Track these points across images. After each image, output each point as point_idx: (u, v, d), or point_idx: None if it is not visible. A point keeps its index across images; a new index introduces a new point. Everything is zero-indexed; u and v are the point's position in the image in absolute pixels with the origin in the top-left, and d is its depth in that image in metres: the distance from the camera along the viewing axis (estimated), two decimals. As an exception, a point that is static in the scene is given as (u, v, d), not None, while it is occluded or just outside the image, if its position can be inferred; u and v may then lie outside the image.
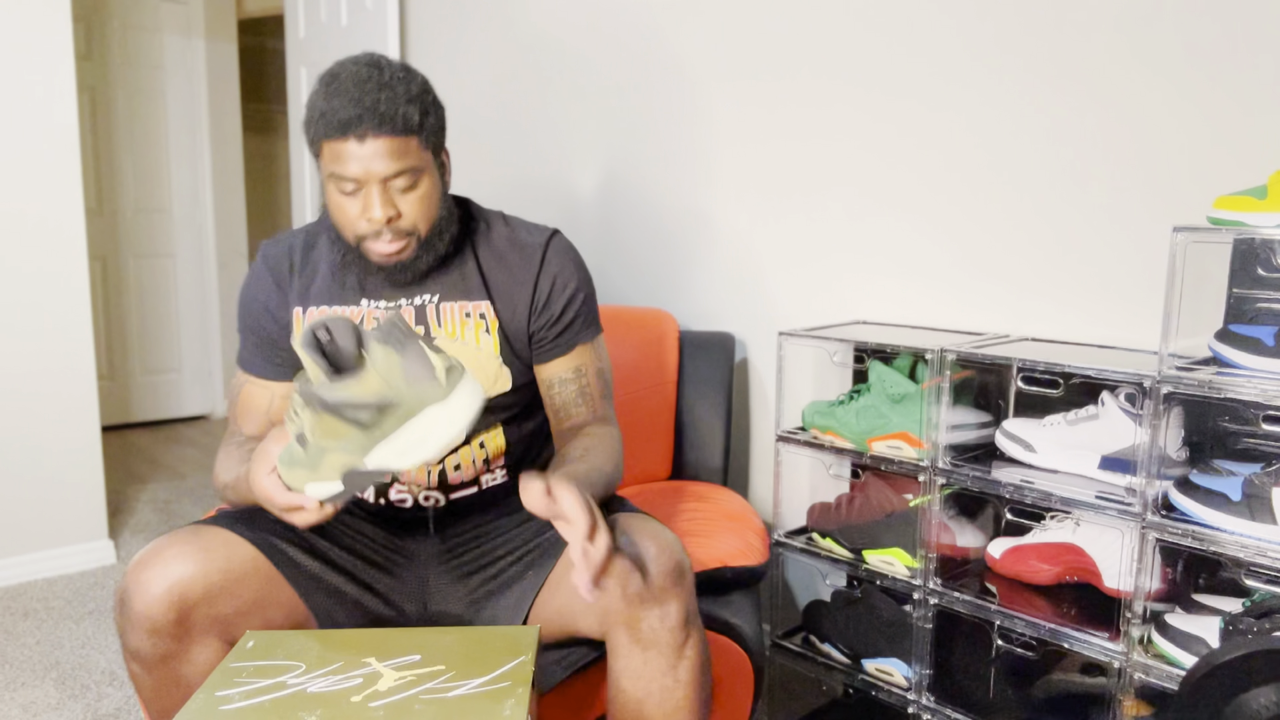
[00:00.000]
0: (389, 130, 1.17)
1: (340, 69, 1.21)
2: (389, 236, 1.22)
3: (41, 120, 2.55)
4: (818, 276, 2.04)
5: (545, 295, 1.34)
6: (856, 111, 1.94)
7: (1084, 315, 1.66)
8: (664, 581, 1.12)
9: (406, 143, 1.19)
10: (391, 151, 1.18)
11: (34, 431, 2.62)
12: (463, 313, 1.33)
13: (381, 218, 1.20)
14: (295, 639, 1.09)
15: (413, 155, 1.20)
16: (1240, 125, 1.47)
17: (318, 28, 3.23)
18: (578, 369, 1.36)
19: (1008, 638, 1.62)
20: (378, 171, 1.18)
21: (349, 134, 1.16)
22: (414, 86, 1.21)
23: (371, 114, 1.16)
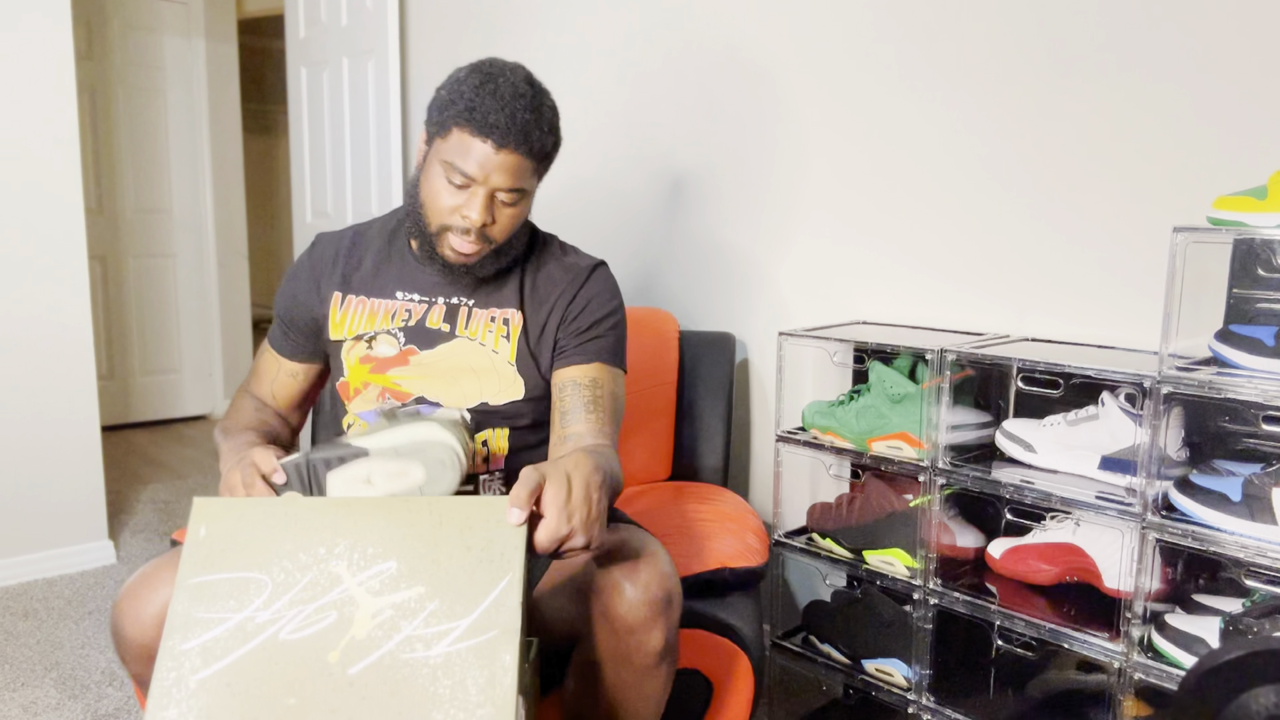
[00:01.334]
0: (524, 151, 1.22)
1: (498, 72, 1.24)
2: (472, 238, 1.26)
3: (41, 120, 2.54)
4: (818, 276, 2.04)
5: (580, 308, 1.37)
6: (856, 113, 1.94)
7: (1084, 315, 1.66)
8: (650, 610, 1.12)
9: (529, 165, 1.25)
10: (516, 169, 1.23)
11: (34, 431, 2.61)
12: (489, 318, 1.36)
13: (478, 221, 1.24)
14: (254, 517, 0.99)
15: (527, 178, 1.26)
16: (1240, 125, 1.47)
17: (318, 28, 3.23)
18: (594, 380, 1.35)
19: (1008, 638, 1.62)
20: (497, 182, 1.23)
21: (490, 138, 1.20)
22: (556, 120, 1.28)
23: (520, 132, 1.21)
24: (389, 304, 1.37)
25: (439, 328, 1.35)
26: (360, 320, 1.37)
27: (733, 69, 2.15)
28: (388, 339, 1.36)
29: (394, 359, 1.36)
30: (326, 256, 1.41)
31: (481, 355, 1.35)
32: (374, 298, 1.38)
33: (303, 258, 1.43)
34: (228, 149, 4.45)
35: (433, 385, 1.34)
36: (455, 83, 1.25)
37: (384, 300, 1.37)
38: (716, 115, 2.19)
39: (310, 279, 1.41)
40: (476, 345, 1.35)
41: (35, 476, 2.63)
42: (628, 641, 1.14)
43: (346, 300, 1.39)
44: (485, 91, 1.21)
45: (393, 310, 1.37)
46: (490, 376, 1.35)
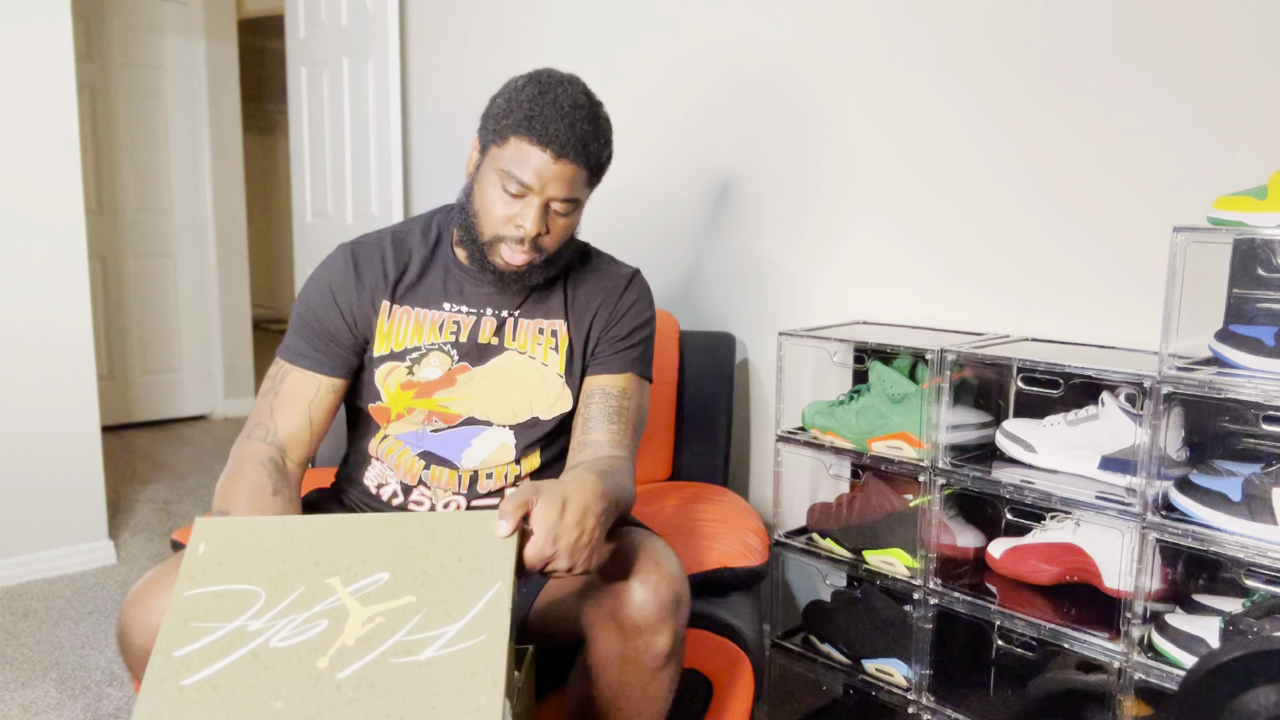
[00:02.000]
0: (581, 162, 1.22)
1: (556, 83, 1.23)
2: (525, 248, 1.25)
3: (41, 120, 2.54)
4: (818, 276, 2.04)
5: (620, 316, 1.37)
6: (856, 112, 1.94)
7: (1084, 315, 1.66)
8: (660, 612, 1.13)
9: (584, 176, 1.24)
10: (573, 180, 1.23)
11: (34, 431, 2.61)
12: (537, 329, 1.35)
13: (533, 231, 1.23)
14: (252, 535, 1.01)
15: (581, 189, 1.25)
16: (1240, 125, 1.47)
17: (318, 28, 3.23)
18: (623, 390, 1.36)
19: (1008, 638, 1.62)
20: (552, 192, 1.22)
21: (549, 148, 1.19)
22: (611, 132, 1.27)
23: (579, 144, 1.21)
24: (436, 315, 1.33)
25: (489, 342, 1.33)
26: (407, 332, 1.32)
27: (733, 69, 2.15)
28: (439, 357, 1.32)
29: (439, 381, 1.32)
30: (372, 264, 1.33)
31: (532, 368, 1.34)
32: (420, 308, 1.33)
33: (340, 262, 1.34)
34: (228, 149, 4.45)
35: (482, 403, 1.32)
36: (513, 92, 1.23)
37: (430, 311, 1.33)
38: (716, 117, 2.19)
39: (355, 278, 1.32)
40: (526, 358, 1.34)
41: (35, 476, 2.63)
42: (635, 643, 1.14)
43: (394, 311, 1.33)
44: (545, 101, 1.20)
45: (440, 322, 1.33)
46: (540, 390, 1.34)
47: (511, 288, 1.32)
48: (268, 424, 1.29)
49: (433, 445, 1.34)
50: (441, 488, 1.34)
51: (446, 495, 1.35)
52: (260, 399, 1.33)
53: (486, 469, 1.34)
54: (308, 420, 1.30)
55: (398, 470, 1.35)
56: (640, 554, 1.15)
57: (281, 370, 1.32)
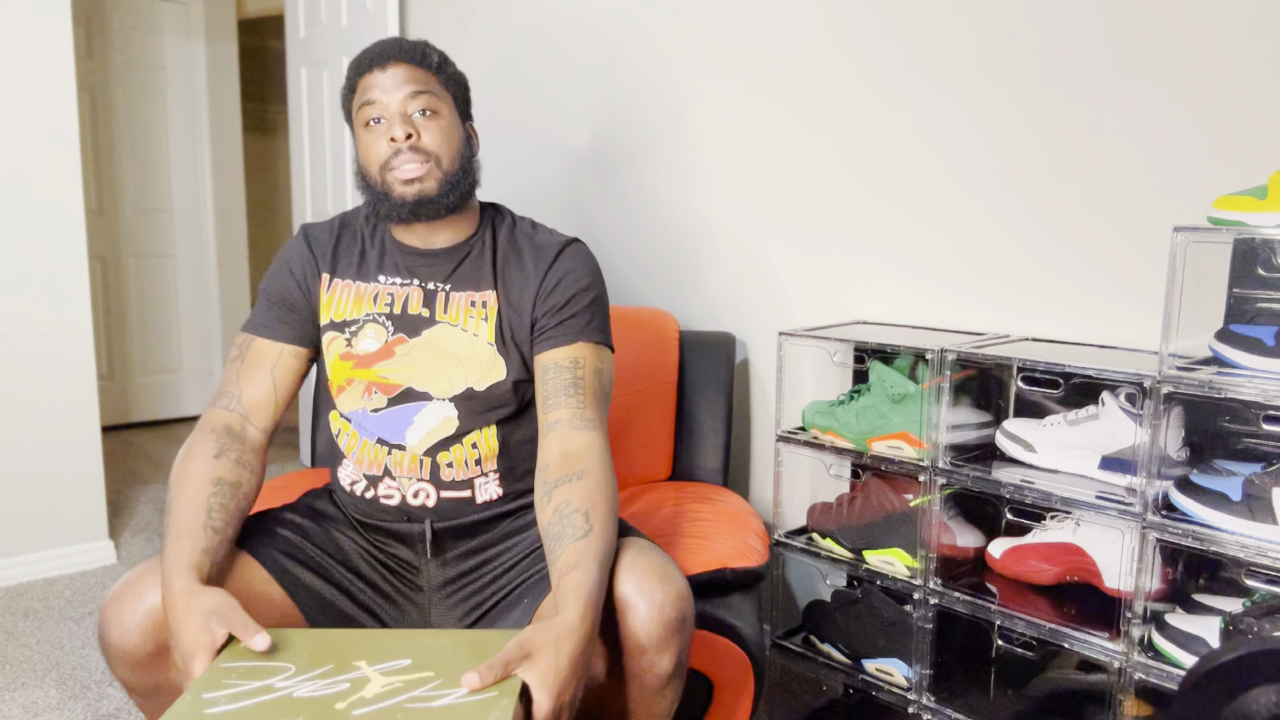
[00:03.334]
0: (408, 59, 1.31)
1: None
2: (408, 156, 1.29)
3: (41, 120, 2.54)
4: (818, 276, 2.04)
5: (552, 285, 1.35)
6: (857, 113, 1.94)
7: (1084, 315, 1.66)
8: (665, 632, 1.11)
9: (426, 75, 1.32)
10: (412, 77, 1.30)
11: (34, 431, 2.61)
12: (468, 301, 1.36)
13: (402, 134, 1.28)
14: (290, 637, 1.09)
15: (433, 87, 1.32)
16: (1240, 125, 1.47)
17: (318, 28, 3.23)
18: (576, 360, 1.32)
19: (1008, 638, 1.62)
20: (399, 96, 1.29)
21: (374, 66, 1.30)
22: (439, 51, 1.36)
23: (395, 48, 1.31)
24: (371, 287, 1.37)
25: (419, 313, 1.35)
26: (346, 304, 1.36)
27: (734, 69, 2.15)
28: (375, 328, 1.35)
29: (378, 353, 1.34)
30: (320, 240, 1.41)
31: (463, 340, 1.34)
32: (358, 281, 1.38)
33: (294, 243, 1.41)
34: (228, 149, 4.45)
35: (419, 374, 1.33)
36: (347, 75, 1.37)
37: (367, 284, 1.37)
38: (716, 115, 2.19)
39: (308, 251, 1.40)
40: (458, 330, 1.34)
41: (35, 476, 2.63)
42: (639, 661, 1.12)
43: (334, 284, 1.38)
44: (361, 52, 1.34)
45: (375, 293, 1.36)
46: (473, 361, 1.34)
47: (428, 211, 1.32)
48: (234, 390, 1.33)
49: (377, 428, 1.34)
50: (405, 475, 1.34)
51: (412, 483, 1.34)
52: (228, 366, 1.38)
53: (446, 456, 1.33)
54: (271, 385, 1.34)
55: (361, 463, 1.36)
56: (645, 570, 1.13)
57: (245, 340, 1.38)
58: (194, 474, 1.22)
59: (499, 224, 1.42)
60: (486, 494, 1.36)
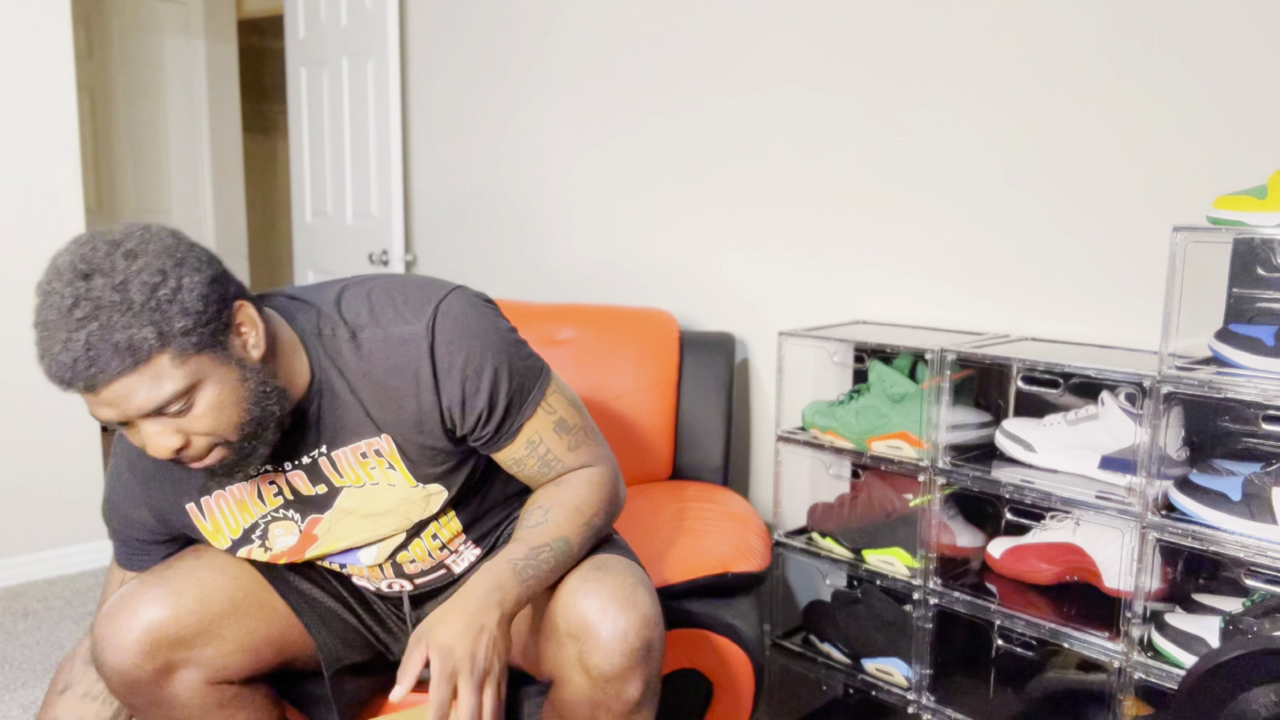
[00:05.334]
0: (117, 370, 0.91)
1: (48, 284, 0.93)
2: (190, 458, 0.99)
3: (41, 120, 2.55)
4: (818, 276, 2.04)
5: (458, 403, 1.10)
6: (856, 113, 1.94)
7: (1084, 315, 1.66)
8: (629, 660, 1.05)
9: (154, 369, 0.92)
10: (136, 389, 0.92)
11: (34, 431, 2.62)
12: (358, 454, 1.13)
13: (165, 453, 0.97)
14: None
15: (169, 377, 0.93)
16: (1240, 125, 1.47)
17: (318, 28, 3.23)
18: (530, 443, 1.16)
19: (1008, 638, 1.62)
20: (132, 412, 0.94)
21: (76, 385, 0.92)
22: (142, 289, 0.91)
23: (84, 367, 0.90)
24: (247, 485, 1.14)
25: (315, 493, 1.15)
26: (233, 516, 1.16)
27: (733, 68, 2.15)
28: (283, 526, 1.17)
29: (300, 544, 1.18)
30: (148, 469, 1.15)
31: (380, 494, 1.15)
32: (228, 483, 1.14)
33: (120, 472, 1.17)
34: (228, 149, 4.45)
35: (355, 537, 1.19)
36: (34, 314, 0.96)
37: (243, 484, 1.14)
38: (716, 115, 2.19)
39: (156, 505, 1.16)
40: (368, 488, 1.14)
41: (35, 476, 2.63)
42: (605, 690, 1.07)
43: (205, 505, 1.15)
44: (41, 325, 0.92)
45: (255, 491, 1.14)
46: (405, 505, 1.17)
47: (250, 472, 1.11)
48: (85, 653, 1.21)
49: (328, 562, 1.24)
50: (367, 579, 1.26)
51: (382, 580, 1.26)
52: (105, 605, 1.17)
53: (406, 554, 1.23)
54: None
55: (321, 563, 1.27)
56: (610, 593, 1.07)
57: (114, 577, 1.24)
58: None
59: (335, 354, 1.10)
60: (464, 562, 1.28)
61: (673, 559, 1.57)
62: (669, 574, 1.53)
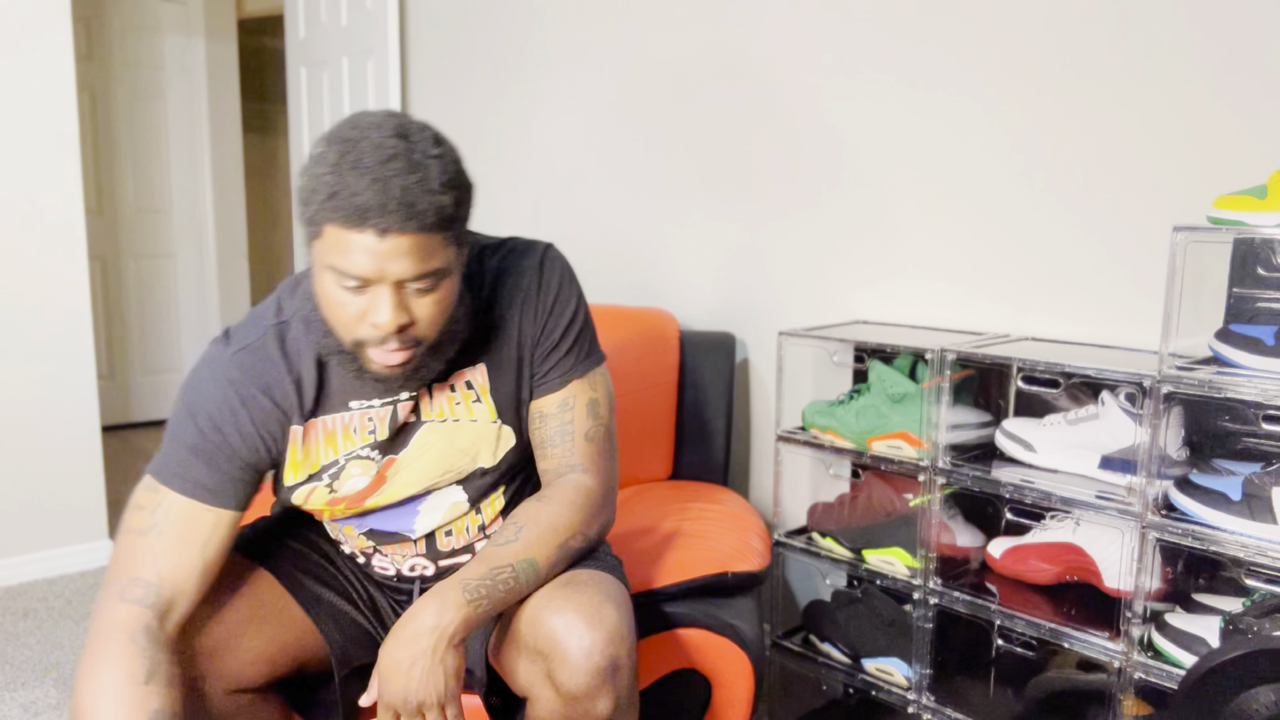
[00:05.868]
0: (416, 226, 0.95)
1: (359, 134, 0.96)
2: (395, 345, 1.01)
3: (41, 120, 2.54)
4: (818, 276, 2.04)
5: (545, 318, 1.17)
6: (855, 113, 1.94)
7: (1084, 315, 1.66)
8: (596, 679, 1.03)
9: (433, 240, 0.97)
10: (416, 250, 0.96)
11: (34, 431, 2.61)
12: (449, 388, 1.17)
13: (391, 325, 0.99)
14: None
15: (438, 255, 0.99)
16: (1239, 125, 1.47)
17: (318, 28, 3.23)
18: (564, 402, 1.19)
19: (1008, 638, 1.62)
20: (395, 272, 0.97)
21: (370, 228, 0.94)
22: (448, 166, 0.99)
23: (397, 205, 0.93)
24: (346, 418, 1.14)
25: (404, 423, 1.17)
26: (320, 449, 1.15)
27: (732, 68, 2.15)
28: (359, 465, 1.16)
29: (367, 489, 1.18)
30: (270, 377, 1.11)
31: (458, 431, 1.18)
32: (329, 414, 1.14)
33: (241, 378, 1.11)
34: (228, 149, 4.45)
35: (421, 482, 1.20)
36: (314, 161, 0.98)
37: (339, 415, 1.14)
38: (716, 115, 2.19)
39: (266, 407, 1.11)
40: (450, 424, 1.17)
41: (35, 476, 2.63)
42: (574, 708, 1.05)
43: (309, 430, 1.14)
44: (345, 167, 0.94)
45: (352, 426, 1.14)
46: (479, 445, 1.19)
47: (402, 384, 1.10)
48: (148, 577, 1.04)
49: (378, 523, 1.23)
50: (399, 554, 1.26)
51: (409, 559, 1.27)
52: (131, 540, 1.06)
53: (446, 527, 1.25)
54: (200, 569, 1.07)
55: (349, 539, 1.28)
56: (576, 610, 1.05)
57: (166, 503, 1.07)
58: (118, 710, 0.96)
59: (473, 283, 1.17)
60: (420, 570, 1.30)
61: (672, 559, 1.57)
62: (669, 574, 1.53)
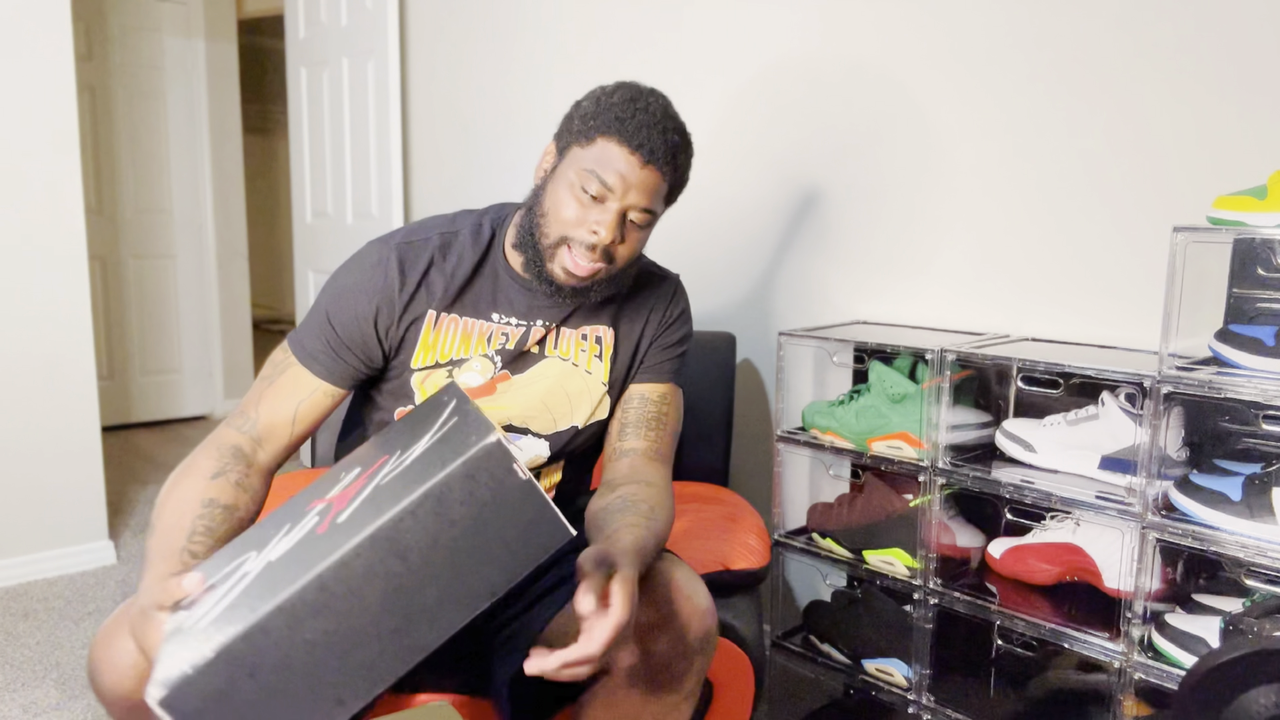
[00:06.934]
0: (668, 172, 1.19)
1: (647, 93, 1.21)
2: (595, 255, 1.18)
3: (41, 120, 2.54)
4: (818, 276, 2.04)
5: (670, 323, 1.36)
6: (855, 113, 1.94)
7: (1084, 315, 1.66)
8: (691, 649, 1.10)
9: (663, 191, 1.21)
10: (655, 189, 1.19)
11: (34, 431, 2.61)
12: (580, 335, 1.31)
13: (608, 238, 1.17)
14: None
15: (660, 204, 1.22)
16: (1240, 125, 1.47)
17: (318, 28, 3.23)
18: (662, 396, 1.34)
19: (1008, 638, 1.62)
20: (633, 199, 1.18)
21: (639, 151, 1.16)
22: (692, 147, 1.26)
23: (668, 152, 1.18)
24: (484, 325, 1.27)
25: (529, 350, 1.29)
26: (453, 343, 1.27)
27: (734, 69, 2.15)
28: (482, 362, 1.26)
29: (480, 389, 1.27)
30: (417, 270, 1.25)
31: (575, 376, 1.30)
32: (469, 317, 1.27)
33: (383, 271, 1.25)
34: (228, 149, 4.45)
35: (522, 411, 1.28)
36: (602, 95, 1.21)
37: (479, 321, 1.27)
38: (717, 116, 2.19)
39: (400, 297, 1.24)
40: (569, 366, 1.30)
41: (35, 476, 2.63)
42: (661, 676, 1.10)
43: (441, 320, 1.26)
44: (637, 108, 1.18)
45: (488, 334, 1.27)
46: (583, 399, 1.30)
47: (571, 302, 1.27)
48: (251, 413, 1.22)
49: None
50: None
51: None
52: (255, 384, 1.26)
53: None
54: (292, 417, 1.22)
55: None
56: (672, 587, 1.11)
57: (286, 362, 1.25)
58: (182, 494, 1.12)
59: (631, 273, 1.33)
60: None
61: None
62: (669, 574, 1.53)
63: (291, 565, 0.82)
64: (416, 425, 0.98)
